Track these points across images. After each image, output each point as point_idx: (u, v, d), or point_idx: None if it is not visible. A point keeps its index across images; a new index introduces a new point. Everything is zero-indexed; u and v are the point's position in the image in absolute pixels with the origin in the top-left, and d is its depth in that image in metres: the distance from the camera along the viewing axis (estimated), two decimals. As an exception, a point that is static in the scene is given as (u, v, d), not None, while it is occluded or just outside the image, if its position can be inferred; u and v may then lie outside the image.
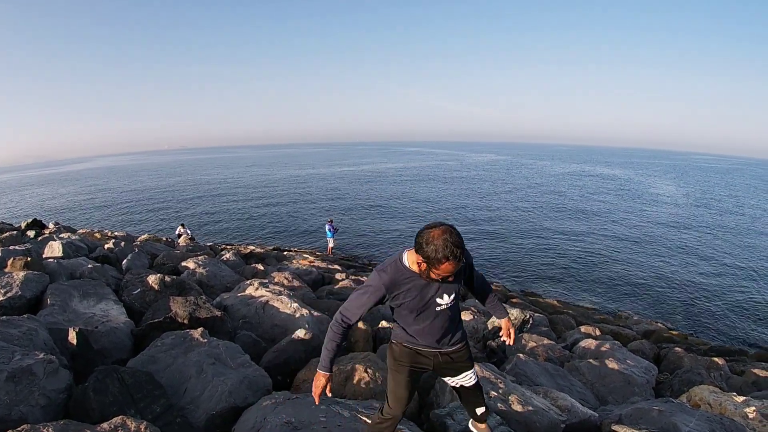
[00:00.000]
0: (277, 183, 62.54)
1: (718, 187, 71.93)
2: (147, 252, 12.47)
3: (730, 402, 6.50)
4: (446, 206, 41.91)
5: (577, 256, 26.77)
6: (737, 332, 17.81)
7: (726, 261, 27.05)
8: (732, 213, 44.10)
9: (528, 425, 4.74)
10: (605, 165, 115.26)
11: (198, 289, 8.27)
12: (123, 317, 6.37)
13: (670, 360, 10.72)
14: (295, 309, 7.27)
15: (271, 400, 4.20)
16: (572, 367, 8.09)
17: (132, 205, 44.73)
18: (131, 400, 4.01)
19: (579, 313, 16.91)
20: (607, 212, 40.66)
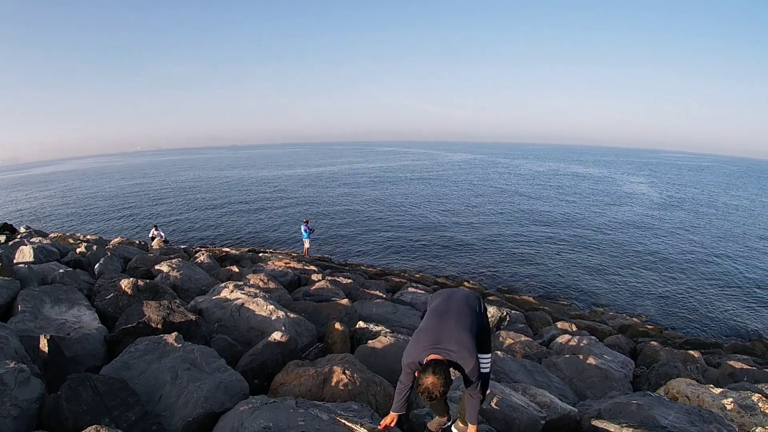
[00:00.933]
0: (252, 184, 62.13)
1: (691, 184, 73.28)
2: (120, 256, 12.23)
3: (707, 394, 6.56)
4: (422, 206, 42.01)
5: (551, 253, 27.06)
6: (711, 325, 18.12)
7: (698, 256, 27.57)
8: (704, 209, 44.97)
9: (508, 423, 4.73)
10: (578, 163, 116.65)
11: (172, 292, 8.13)
12: (96, 323, 6.21)
13: (647, 354, 10.81)
14: (271, 311, 7.18)
15: (248, 404, 4.11)
16: (550, 363, 8.13)
17: (105, 208, 44.04)
18: (105, 408, 3.88)
19: (555, 309, 17.03)
20: (580, 210, 41.18)
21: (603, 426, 4.87)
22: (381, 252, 27.06)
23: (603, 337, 12.21)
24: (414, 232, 31.72)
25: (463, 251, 27.08)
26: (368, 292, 12.56)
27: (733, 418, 6.03)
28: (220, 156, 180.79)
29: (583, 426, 5.22)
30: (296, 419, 3.89)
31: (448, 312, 3.66)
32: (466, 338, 3.44)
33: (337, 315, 8.56)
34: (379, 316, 9.72)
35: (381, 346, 6.44)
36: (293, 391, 4.91)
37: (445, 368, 3.27)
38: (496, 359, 7.05)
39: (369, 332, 7.25)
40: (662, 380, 7.97)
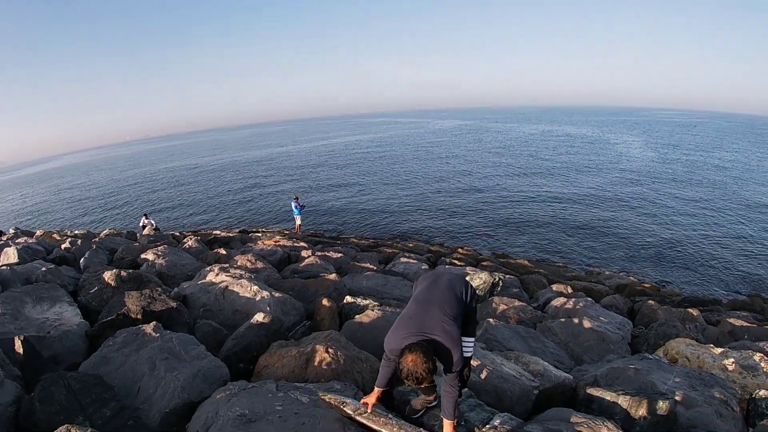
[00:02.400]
0: (242, 165, 61.50)
1: (684, 141, 72.87)
2: (106, 248, 12.07)
3: (707, 354, 6.42)
4: (414, 175, 41.73)
5: (547, 215, 26.93)
6: (709, 282, 18.05)
7: (693, 213, 27.47)
8: (698, 166, 44.75)
9: (499, 395, 4.60)
10: (569, 124, 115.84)
11: (157, 281, 7.98)
12: (77, 319, 6.09)
13: (644, 313, 10.71)
14: (255, 292, 7.06)
15: (226, 391, 3.99)
16: (545, 328, 8.00)
17: (96, 202, 43.67)
18: (79, 406, 3.78)
19: (551, 271, 16.94)
20: (575, 172, 40.90)
21: (599, 394, 4.73)
22: (373, 223, 26.88)
23: (599, 297, 12.11)
24: (406, 202, 31.53)
25: (457, 217, 26.94)
26: (360, 265, 12.41)
27: (735, 380, 5.89)
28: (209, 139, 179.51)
29: (578, 394, 5.08)
30: (274, 404, 3.76)
31: (432, 299, 3.51)
32: (449, 327, 3.33)
33: (326, 291, 8.43)
34: (369, 289, 9.61)
35: (368, 321, 6.32)
36: (276, 373, 4.79)
37: (425, 348, 3.16)
38: (488, 327, 6.92)
39: (356, 307, 7.15)
40: (661, 340, 7.84)
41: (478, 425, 3.84)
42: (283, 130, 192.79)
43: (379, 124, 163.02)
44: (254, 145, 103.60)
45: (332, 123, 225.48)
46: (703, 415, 4.72)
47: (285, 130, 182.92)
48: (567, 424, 4.05)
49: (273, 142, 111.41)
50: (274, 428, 3.45)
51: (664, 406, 4.37)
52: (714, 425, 4.62)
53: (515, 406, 4.58)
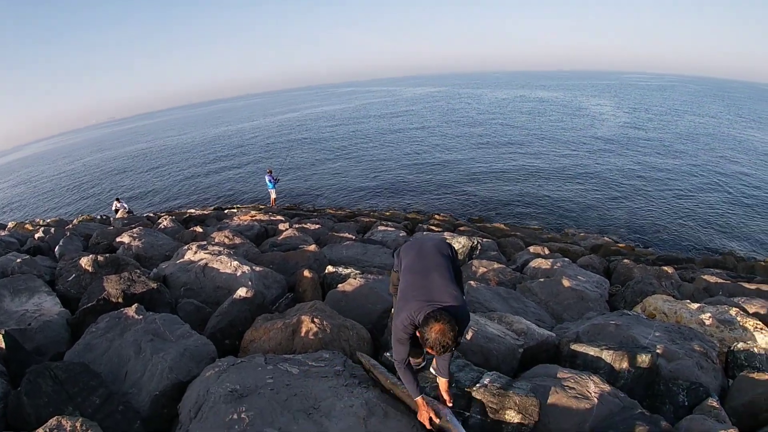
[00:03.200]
0: (212, 142, 60.35)
1: (656, 104, 73.58)
2: (80, 234, 11.83)
3: (685, 310, 6.58)
4: (387, 143, 41.54)
5: (520, 179, 27.18)
6: (682, 241, 18.44)
7: (665, 173, 27.93)
8: (670, 128, 45.35)
9: (485, 354, 4.66)
10: (541, 89, 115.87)
11: (135, 263, 7.86)
12: (57, 308, 5.99)
13: (620, 272, 10.89)
14: (235, 267, 7.02)
15: (215, 369, 3.96)
16: (525, 288, 8.11)
17: (66, 189, 42.73)
18: (67, 396, 3.72)
19: (527, 234, 17.12)
20: (547, 135, 41.19)
21: (582, 350, 4.84)
22: (349, 194, 26.87)
23: (576, 258, 12.28)
24: (381, 170, 31.50)
25: (432, 184, 27.02)
26: (338, 236, 12.43)
27: (713, 333, 6.06)
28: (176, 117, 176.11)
29: (562, 350, 5.17)
30: (264, 377, 3.77)
31: (428, 267, 3.50)
32: (455, 290, 3.33)
33: (306, 262, 8.41)
34: (349, 258, 9.63)
35: (351, 289, 6.34)
36: (263, 347, 4.79)
37: (449, 316, 3.09)
38: (470, 289, 6.99)
39: (339, 276, 7.16)
40: (638, 298, 7.99)
41: (469, 385, 3.90)
42: (252, 103, 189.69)
43: (350, 93, 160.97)
44: (223, 121, 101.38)
45: (302, 94, 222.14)
46: (684, 367, 4.85)
47: (254, 104, 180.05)
48: (554, 379, 4.14)
49: (242, 116, 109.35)
50: (266, 401, 3.45)
51: (647, 359, 4.49)
52: (696, 376, 4.75)
53: (501, 364, 4.65)
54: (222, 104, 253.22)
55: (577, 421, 3.75)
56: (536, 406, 3.67)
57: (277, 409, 3.39)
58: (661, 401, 4.45)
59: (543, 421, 3.71)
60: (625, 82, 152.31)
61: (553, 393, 3.92)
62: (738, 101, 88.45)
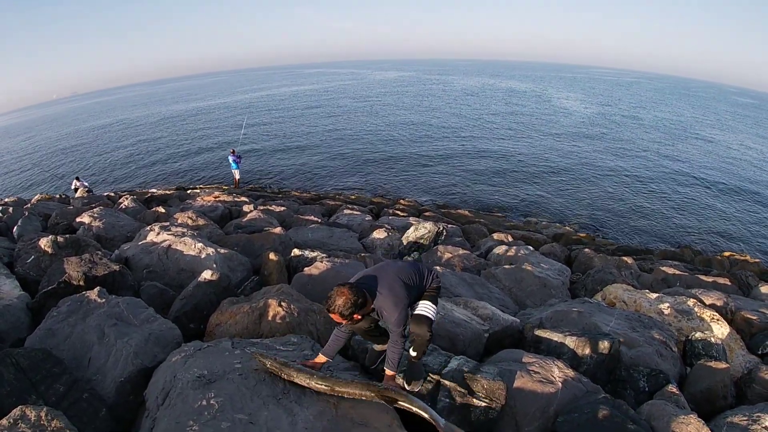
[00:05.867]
0: (175, 119, 58.63)
1: (623, 99, 74.67)
2: (39, 214, 11.48)
3: (644, 299, 6.77)
4: (354, 126, 41.21)
5: (485, 166, 27.29)
6: (641, 232, 18.86)
7: (627, 166, 28.46)
8: (633, 123, 46.05)
9: (452, 339, 4.73)
10: (510, 78, 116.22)
11: (96, 244, 7.67)
12: (17, 291, 5.77)
13: (581, 261, 11.13)
14: (200, 249, 6.93)
15: (181, 354, 3.90)
16: (489, 275, 8.22)
17: (23, 167, 41.28)
18: (30, 384, 3.62)
19: (490, 221, 17.30)
20: (514, 124, 41.44)
21: (546, 336, 4.95)
22: (315, 176, 26.54)
23: (538, 246, 12.50)
24: (348, 154, 31.19)
25: (398, 169, 26.92)
26: (303, 218, 12.39)
27: (671, 323, 6.28)
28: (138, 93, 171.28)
29: (526, 336, 5.28)
30: (232, 362, 3.73)
31: (388, 266, 3.67)
32: (398, 288, 3.41)
33: (271, 245, 8.35)
34: (315, 241, 9.63)
35: (318, 272, 6.33)
36: (229, 331, 4.75)
37: (357, 288, 3.26)
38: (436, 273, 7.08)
39: (304, 259, 7.15)
40: (598, 286, 8.21)
41: (437, 369, 3.95)
42: (216, 81, 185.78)
43: (318, 75, 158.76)
44: (187, 98, 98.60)
45: (268, 73, 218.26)
46: (645, 354, 5.02)
47: (219, 81, 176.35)
48: (519, 364, 4.22)
49: (207, 94, 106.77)
50: (235, 386, 3.41)
51: (609, 345, 4.62)
52: (655, 364, 4.92)
53: (468, 349, 4.72)
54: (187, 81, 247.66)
55: (543, 405, 3.84)
56: (503, 390, 3.75)
57: (246, 394, 3.36)
58: (622, 387, 4.59)
59: (509, 404, 3.79)
60: (592, 77, 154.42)
61: (519, 377, 4.00)
62: (702, 100, 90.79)
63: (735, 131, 47.46)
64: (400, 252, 9.43)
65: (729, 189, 25.16)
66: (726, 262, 14.49)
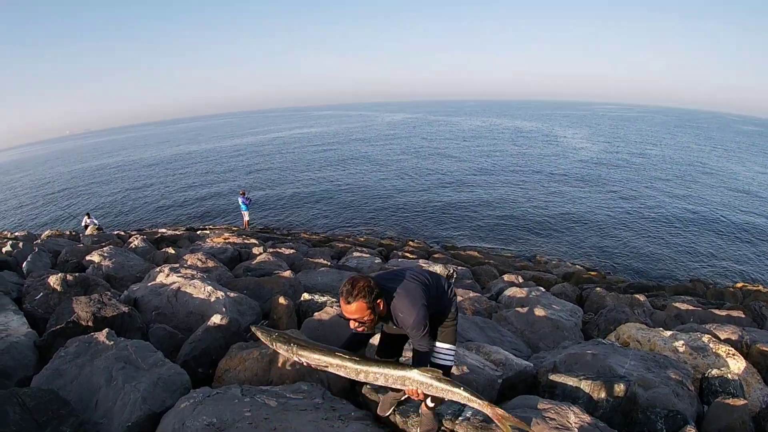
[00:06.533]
0: (186, 159, 59.55)
1: (627, 134, 75.35)
2: (49, 250, 11.52)
3: (658, 338, 6.66)
4: (363, 169, 41.54)
5: (493, 206, 27.34)
6: (651, 268, 18.76)
7: (633, 201, 28.43)
8: (638, 159, 46.25)
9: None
10: (516, 118, 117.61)
11: (105, 284, 7.66)
12: (24, 328, 5.74)
13: (593, 300, 11.01)
14: (209, 292, 6.86)
15: (190, 400, 3.83)
16: (501, 318, 8.12)
17: (35, 201, 41.53)
18: (36, 425, 3.53)
19: (500, 261, 17.21)
20: (521, 164, 41.65)
21: (561, 380, 4.84)
22: (324, 218, 26.63)
23: (549, 286, 12.38)
24: (356, 196, 31.27)
25: (407, 211, 26.97)
26: (312, 261, 12.32)
27: (687, 361, 6.15)
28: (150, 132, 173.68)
29: (540, 381, 5.18)
30: (242, 410, 3.65)
31: (403, 271, 3.40)
32: (414, 287, 3.20)
33: (281, 288, 8.25)
34: (325, 285, 9.51)
35: (328, 318, 6.23)
36: (238, 377, 4.66)
37: (371, 280, 3.01)
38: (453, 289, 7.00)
39: (315, 303, 7.03)
40: (611, 326, 8.09)
41: (451, 417, 3.86)
42: (227, 122, 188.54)
43: (327, 117, 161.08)
44: (198, 139, 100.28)
45: (278, 116, 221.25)
46: (661, 395, 4.91)
47: (229, 123, 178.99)
48: (535, 410, 4.12)
49: (218, 135, 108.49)
50: (244, 435, 3.33)
51: (624, 388, 4.52)
52: (672, 404, 4.80)
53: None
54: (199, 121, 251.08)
55: (560, 454, 3.73)
56: (520, 439, 3.65)
57: (256, 443, 3.27)
58: (640, 430, 4.47)
59: (525, 454, 3.68)
60: (597, 113, 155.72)
61: (535, 425, 3.91)
62: (705, 131, 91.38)
63: (742, 161, 47.80)
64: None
65: (737, 220, 25.17)
66: (739, 294, 14.37)
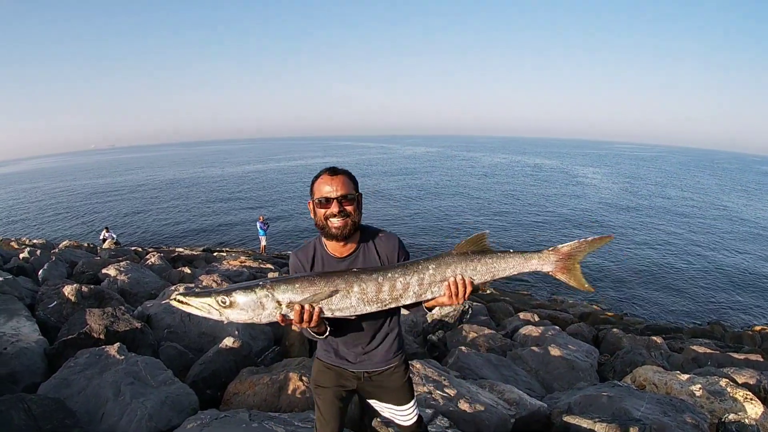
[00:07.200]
0: (207, 181, 60.62)
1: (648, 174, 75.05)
2: (66, 260, 11.63)
3: (675, 381, 6.51)
4: (384, 199, 41.70)
5: (510, 243, 27.05)
6: (669, 310, 18.46)
7: (652, 243, 28.10)
8: (658, 199, 45.92)
9: (477, 424, 4.52)
10: (535, 155, 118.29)
11: (119, 298, 7.69)
12: (35, 335, 5.77)
13: (609, 341, 10.84)
14: (222, 315, 6.81)
15: (197, 421, 3.77)
16: (515, 356, 7.99)
17: (56, 210, 42.29)
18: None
19: (516, 299, 17.02)
20: (540, 201, 41.57)
21: (575, 422, 4.73)
22: (340, 246, 26.66)
23: (565, 326, 12.21)
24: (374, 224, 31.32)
25: (423, 242, 26.91)
26: (327, 289, 12.24)
27: (703, 405, 6.00)
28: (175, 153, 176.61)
29: (554, 422, 5.06)
30: (249, 435, 3.58)
31: None
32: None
33: (294, 315, 8.19)
34: (339, 313, 9.44)
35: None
36: (247, 401, 4.60)
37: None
38: (461, 355, 6.85)
39: (327, 332, 6.96)
40: (627, 368, 7.94)
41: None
42: (247, 148, 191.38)
43: (348, 147, 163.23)
44: (220, 162, 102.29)
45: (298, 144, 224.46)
46: (677, 439, 4.76)
47: (250, 149, 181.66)
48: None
49: (239, 159, 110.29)
50: (250, 461, 3.26)
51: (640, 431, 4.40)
52: (687, 449, 4.66)
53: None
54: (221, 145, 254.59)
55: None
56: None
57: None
58: (654, 475, 4.36)
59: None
60: (616, 152, 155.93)
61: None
62: (727, 172, 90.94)
63: (764, 203, 47.31)
64: (424, 329, 9.25)
65: (756, 264, 24.78)
66: (757, 337, 14.10)
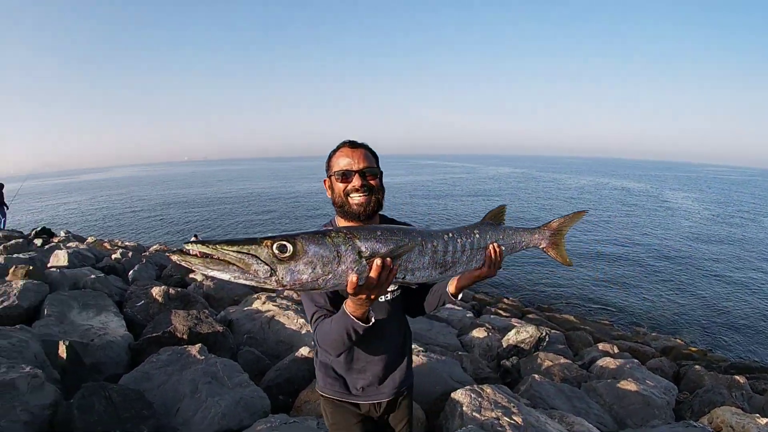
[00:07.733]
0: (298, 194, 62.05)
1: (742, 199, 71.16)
2: (155, 263, 12.21)
3: (753, 424, 6.19)
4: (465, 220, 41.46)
5: (595, 270, 26.31)
6: (757, 348, 17.40)
7: (746, 275, 26.54)
8: (755, 226, 43.41)
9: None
10: (622, 178, 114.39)
11: (203, 302, 8.03)
12: (122, 330, 6.15)
13: (690, 378, 10.37)
14: (301, 324, 6.99)
15: (267, 424, 3.91)
16: (590, 388, 7.79)
17: (148, 215, 44.42)
18: (117, 419, 3.75)
19: (596, 328, 16.49)
20: (628, 226, 40.00)
21: (645, 460, 4.60)
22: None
23: (645, 359, 11.76)
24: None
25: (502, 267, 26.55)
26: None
27: (779, 451, 5.68)
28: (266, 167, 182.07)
29: (622, 458, 4.94)
30: (313, 443, 3.68)
31: None
32: None
33: (369, 331, 8.28)
34: (413, 333, 9.46)
35: (413, 366, 6.18)
36: (317, 410, 4.67)
37: None
38: (533, 383, 6.75)
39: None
40: (706, 408, 7.57)
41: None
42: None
43: (432, 166, 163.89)
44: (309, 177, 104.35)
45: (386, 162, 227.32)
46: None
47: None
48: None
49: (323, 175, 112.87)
50: (314, 468, 3.36)
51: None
52: (760, 496, 4.45)
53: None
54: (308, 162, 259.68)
55: None
56: None
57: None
58: None
59: None
60: (705, 175, 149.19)
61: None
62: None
63: None
64: (498, 354, 9.14)
65: None
66: None
